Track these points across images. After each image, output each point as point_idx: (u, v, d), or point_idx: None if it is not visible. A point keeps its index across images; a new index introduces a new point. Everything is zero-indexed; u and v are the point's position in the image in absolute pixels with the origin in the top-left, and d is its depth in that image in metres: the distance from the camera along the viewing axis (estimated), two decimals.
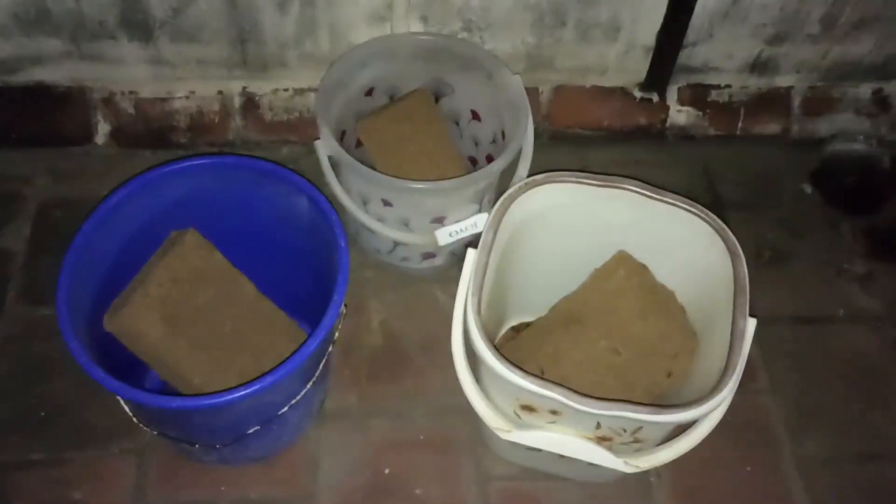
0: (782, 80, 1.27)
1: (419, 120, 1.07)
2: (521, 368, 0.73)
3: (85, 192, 1.13)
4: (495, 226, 0.81)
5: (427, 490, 0.94)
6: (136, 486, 0.91)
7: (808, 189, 1.25)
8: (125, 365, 0.84)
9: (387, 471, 0.94)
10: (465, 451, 0.96)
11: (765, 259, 1.17)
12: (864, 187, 1.27)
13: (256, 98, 1.18)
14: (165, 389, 0.90)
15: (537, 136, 1.21)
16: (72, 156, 1.17)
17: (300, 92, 1.18)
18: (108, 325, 0.82)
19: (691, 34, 1.16)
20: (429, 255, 1.06)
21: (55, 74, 1.14)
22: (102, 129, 1.17)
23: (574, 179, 0.85)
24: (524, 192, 0.84)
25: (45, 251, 1.09)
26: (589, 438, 0.79)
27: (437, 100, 1.10)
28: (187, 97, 1.17)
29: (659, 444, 0.80)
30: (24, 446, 0.93)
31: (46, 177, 1.16)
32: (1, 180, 1.15)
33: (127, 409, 0.81)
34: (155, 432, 0.82)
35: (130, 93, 1.16)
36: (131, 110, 1.17)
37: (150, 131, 1.18)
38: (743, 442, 0.99)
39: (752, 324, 0.77)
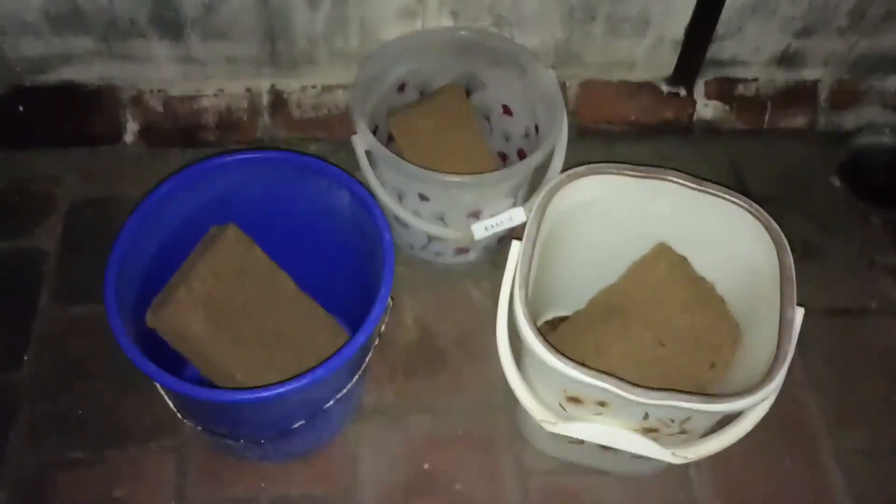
0: (809, 74, 1.26)
1: (451, 115, 1.06)
2: (571, 359, 0.73)
3: (115, 191, 1.13)
4: (539, 217, 0.81)
5: (467, 485, 0.93)
6: (177, 484, 0.91)
7: (837, 182, 1.25)
8: (164, 361, 0.83)
9: (426, 466, 0.94)
10: (504, 446, 0.96)
11: (796, 253, 1.16)
12: (892, 180, 1.26)
13: (285, 95, 1.18)
14: (204, 385, 0.90)
15: None
16: (101, 155, 1.17)
17: (329, 89, 1.18)
18: (151, 321, 0.81)
19: (720, 28, 1.16)
20: (462, 250, 1.06)
21: (85, 74, 1.13)
22: (131, 128, 1.17)
23: (616, 171, 0.85)
24: (567, 184, 0.84)
25: (78, 251, 1.08)
26: (636, 430, 0.79)
27: (468, 95, 1.10)
28: (216, 95, 1.17)
29: (703, 436, 0.80)
30: (63, 446, 0.93)
31: (77, 176, 1.15)
32: (32, 180, 1.14)
33: (171, 404, 0.81)
34: (199, 428, 0.82)
35: (159, 91, 1.16)
36: (160, 109, 1.17)
37: (178, 130, 1.18)
38: (782, 435, 0.99)
39: (800, 313, 0.77)
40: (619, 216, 0.89)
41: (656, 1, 1.12)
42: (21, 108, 1.15)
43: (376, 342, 0.82)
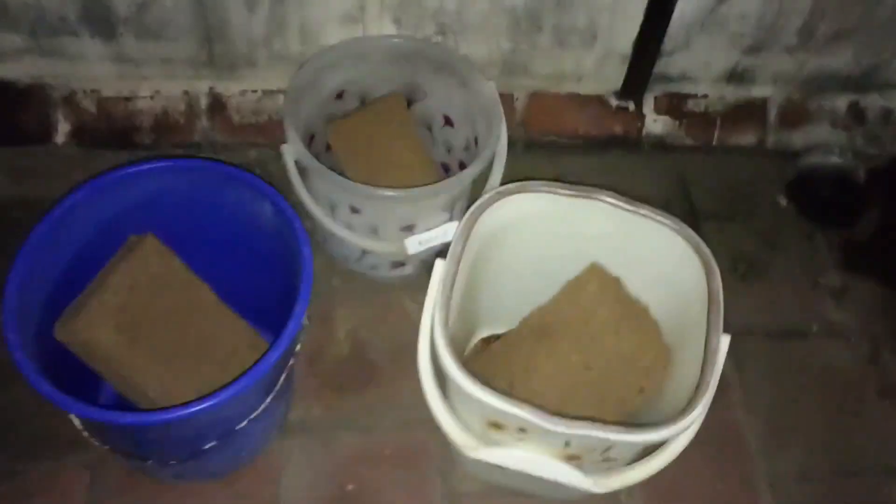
0: (759, 91, 1.26)
1: (391, 124, 1.04)
2: (488, 385, 0.71)
3: (45, 192, 1.07)
4: (465, 236, 0.79)
5: None
6: (89, 501, 0.87)
7: (784, 201, 1.24)
8: (81, 375, 0.80)
9: (350, 486, 0.91)
10: (433, 466, 0.94)
11: (739, 271, 1.16)
12: (839, 200, 1.26)
13: (224, 99, 1.15)
14: (121, 401, 0.87)
15: (512, 143, 1.19)
16: (31, 155, 1.13)
17: (269, 94, 1.15)
18: (59, 333, 0.78)
19: (668, 43, 1.15)
20: (398, 264, 1.03)
21: (14, 71, 1.09)
22: (63, 129, 1.13)
23: (547, 189, 0.83)
24: (495, 202, 0.81)
25: (3, 253, 1.04)
26: (558, 457, 0.77)
27: (409, 104, 1.07)
28: (152, 97, 1.14)
29: (630, 463, 0.78)
30: None
31: (4, 176, 1.11)
32: None
33: (77, 422, 0.78)
34: (106, 447, 0.78)
35: (92, 91, 1.12)
36: (93, 109, 1.13)
37: (112, 131, 1.14)
38: (715, 458, 0.98)
39: (725, 341, 0.76)
40: (552, 235, 0.87)
41: (603, 13, 1.10)
42: None
43: (292, 361, 0.79)
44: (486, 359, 0.92)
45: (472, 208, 0.81)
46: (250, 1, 1.03)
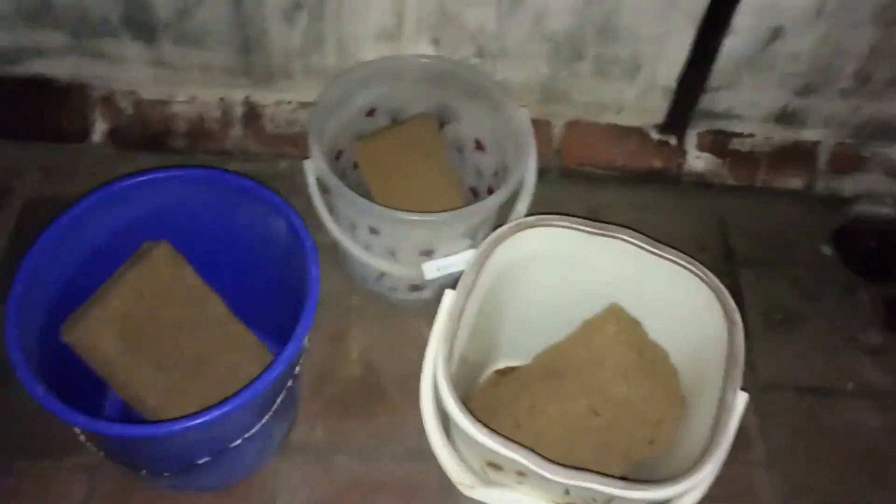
0: (809, 134, 1.20)
1: (420, 145, 1.02)
2: (494, 420, 0.68)
3: (75, 190, 1.08)
4: (477, 269, 0.76)
5: None
6: None
7: (828, 250, 1.19)
8: (89, 379, 0.80)
9: None
10: (432, 500, 0.91)
11: (774, 320, 1.11)
12: (887, 253, 1.20)
13: (259, 109, 1.15)
14: (127, 407, 0.86)
15: (547, 171, 1.17)
16: (66, 153, 1.15)
17: (304, 105, 1.15)
18: (64, 336, 0.78)
19: (715, 78, 1.11)
20: (417, 288, 1.01)
21: (56, 69, 1.11)
22: (100, 128, 1.15)
23: (566, 225, 0.80)
24: (512, 235, 0.79)
25: (27, 249, 1.05)
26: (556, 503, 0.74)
27: (441, 126, 1.06)
28: (188, 102, 1.14)
29: None
30: None
31: (38, 172, 1.13)
32: None
33: (76, 428, 0.77)
34: (101, 453, 0.78)
35: (130, 93, 1.14)
36: (130, 111, 1.14)
37: (147, 134, 1.15)
38: None
39: (742, 399, 0.72)
40: (570, 271, 0.84)
41: (648, 45, 1.07)
42: None
43: (290, 383, 0.77)
44: (496, 393, 0.89)
45: (488, 240, 0.78)
46: (289, 14, 1.02)
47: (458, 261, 0.94)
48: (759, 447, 0.99)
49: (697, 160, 1.21)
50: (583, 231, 0.80)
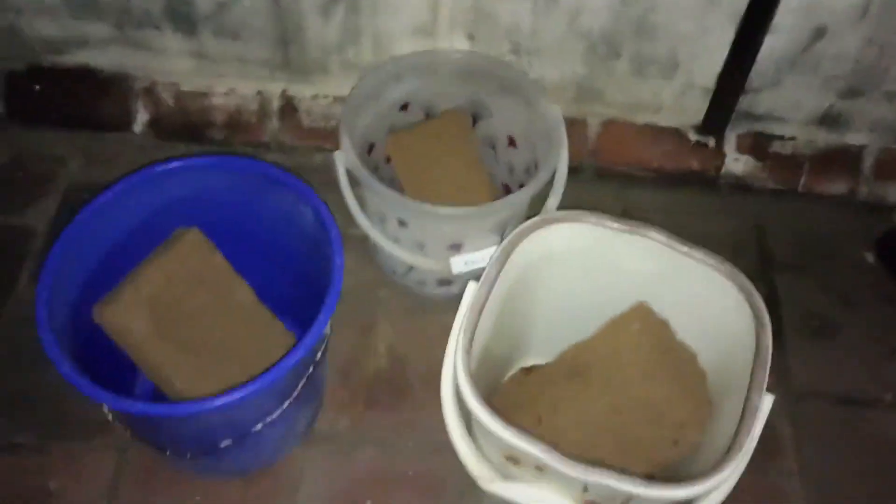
0: (854, 138, 1.17)
1: (452, 141, 1.02)
2: (516, 416, 0.68)
3: (116, 178, 1.12)
4: (502, 262, 0.76)
5: None
6: (111, 484, 0.89)
7: (871, 258, 1.15)
8: (121, 361, 0.82)
9: None
10: (455, 495, 0.91)
11: (812, 328, 1.08)
12: None
13: (295, 102, 1.16)
14: (157, 389, 0.87)
15: (581, 170, 1.16)
16: (108, 141, 1.17)
17: (340, 100, 1.16)
18: (96, 316, 0.80)
19: (755, 79, 1.09)
20: (445, 282, 1.01)
21: (100, 59, 1.14)
22: (141, 118, 1.17)
23: (594, 220, 0.79)
24: (538, 229, 0.78)
25: None
26: (575, 501, 0.72)
27: (474, 122, 1.06)
28: (227, 94, 1.16)
29: None
30: (9, 430, 0.92)
31: (81, 160, 1.16)
32: (36, 158, 1.15)
33: (103, 406, 0.79)
34: (128, 433, 0.79)
35: (171, 84, 1.16)
36: (171, 102, 1.16)
37: (187, 125, 1.17)
38: None
39: (768, 401, 0.70)
40: (597, 268, 0.83)
41: (686, 44, 1.05)
42: (37, 87, 1.16)
43: (311, 369, 0.78)
44: (519, 390, 0.89)
45: (514, 233, 0.78)
46: (325, 9, 1.03)
47: (486, 256, 0.93)
48: (793, 457, 0.96)
49: (736, 162, 1.18)
50: (611, 227, 0.79)
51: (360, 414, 0.96)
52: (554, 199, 0.95)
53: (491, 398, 0.78)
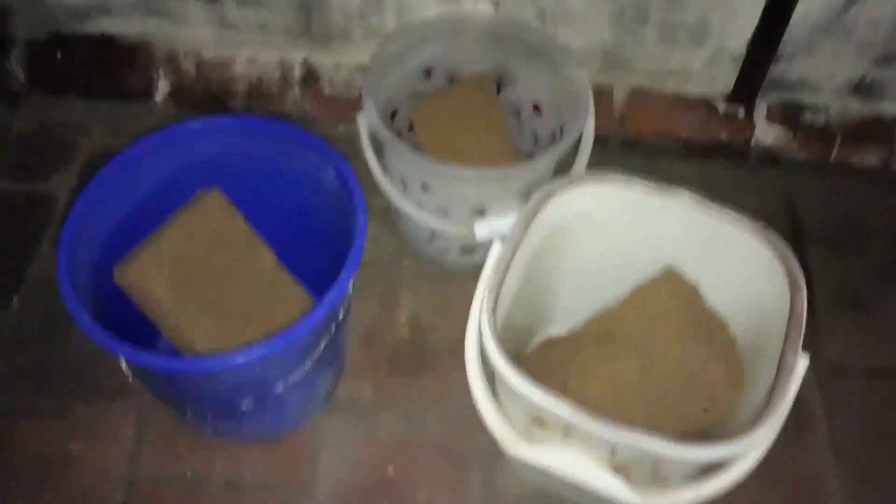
0: (889, 108, 1.14)
1: (476, 107, 1.01)
2: (541, 381, 0.66)
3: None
4: (527, 221, 0.74)
5: (431, 498, 0.87)
6: (133, 447, 0.88)
7: None
8: (142, 322, 0.81)
9: (390, 471, 0.88)
10: (478, 462, 0.89)
11: (843, 303, 1.05)
12: None
13: (317, 71, 1.15)
14: (177, 350, 0.87)
15: (607, 140, 1.14)
16: (130, 111, 1.16)
17: (362, 69, 1.14)
18: (117, 277, 0.79)
19: (787, 46, 1.06)
20: (468, 250, 0.99)
21: (122, 27, 1.13)
22: (163, 88, 1.16)
23: (624, 180, 0.77)
24: (565, 189, 0.77)
25: None
26: (604, 465, 0.71)
27: (498, 89, 1.04)
28: (248, 63, 1.15)
29: (681, 485, 0.71)
30: (32, 392, 0.92)
31: (103, 128, 1.15)
32: (59, 127, 1.15)
33: (123, 364, 0.78)
34: (149, 392, 0.78)
35: (193, 54, 1.15)
36: (193, 71, 1.15)
37: (208, 94, 1.16)
38: (792, 499, 0.88)
39: (804, 361, 0.68)
40: (625, 231, 0.81)
41: (717, 9, 1.03)
42: (59, 55, 1.15)
43: (333, 329, 0.77)
44: (545, 356, 0.87)
45: (539, 192, 0.76)
46: None
47: (509, 222, 0.91)
48: (824, 432, 0.94)
49: (767, 133, 1.16)
50: (641, 188, 0.77)
51: (382, 381, 0.95)
52: (580, 165, 0.93)
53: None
